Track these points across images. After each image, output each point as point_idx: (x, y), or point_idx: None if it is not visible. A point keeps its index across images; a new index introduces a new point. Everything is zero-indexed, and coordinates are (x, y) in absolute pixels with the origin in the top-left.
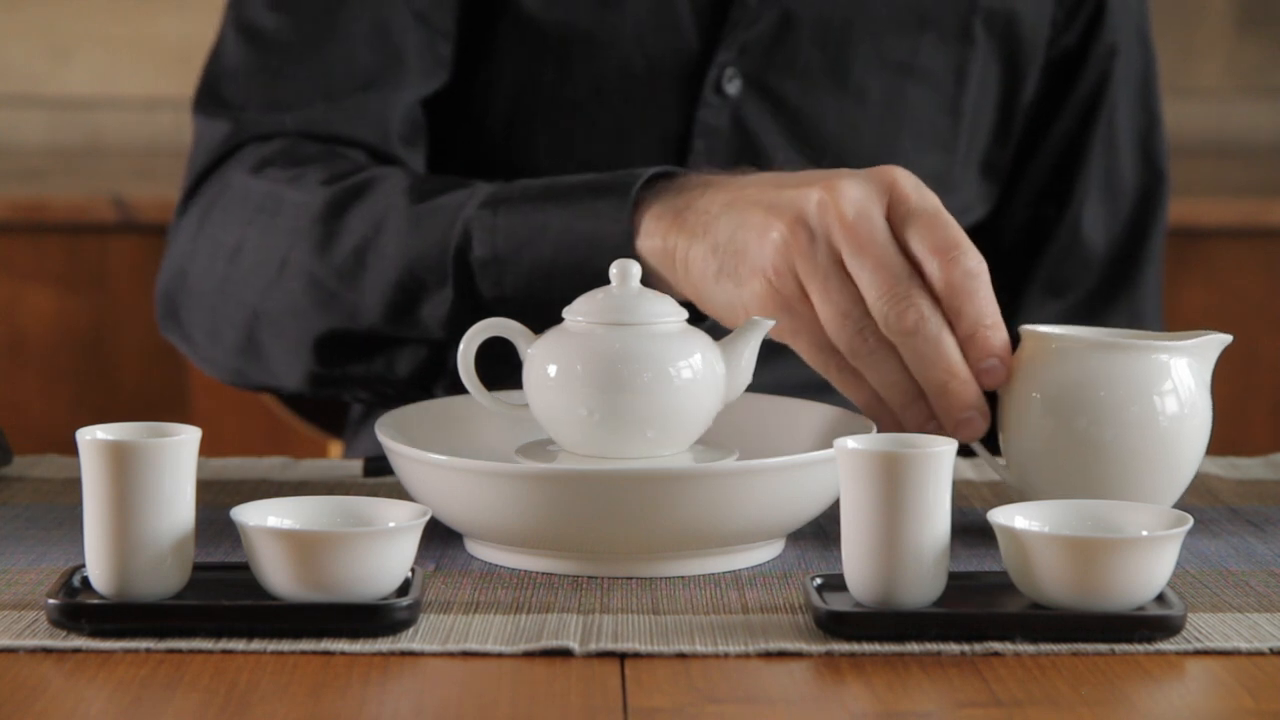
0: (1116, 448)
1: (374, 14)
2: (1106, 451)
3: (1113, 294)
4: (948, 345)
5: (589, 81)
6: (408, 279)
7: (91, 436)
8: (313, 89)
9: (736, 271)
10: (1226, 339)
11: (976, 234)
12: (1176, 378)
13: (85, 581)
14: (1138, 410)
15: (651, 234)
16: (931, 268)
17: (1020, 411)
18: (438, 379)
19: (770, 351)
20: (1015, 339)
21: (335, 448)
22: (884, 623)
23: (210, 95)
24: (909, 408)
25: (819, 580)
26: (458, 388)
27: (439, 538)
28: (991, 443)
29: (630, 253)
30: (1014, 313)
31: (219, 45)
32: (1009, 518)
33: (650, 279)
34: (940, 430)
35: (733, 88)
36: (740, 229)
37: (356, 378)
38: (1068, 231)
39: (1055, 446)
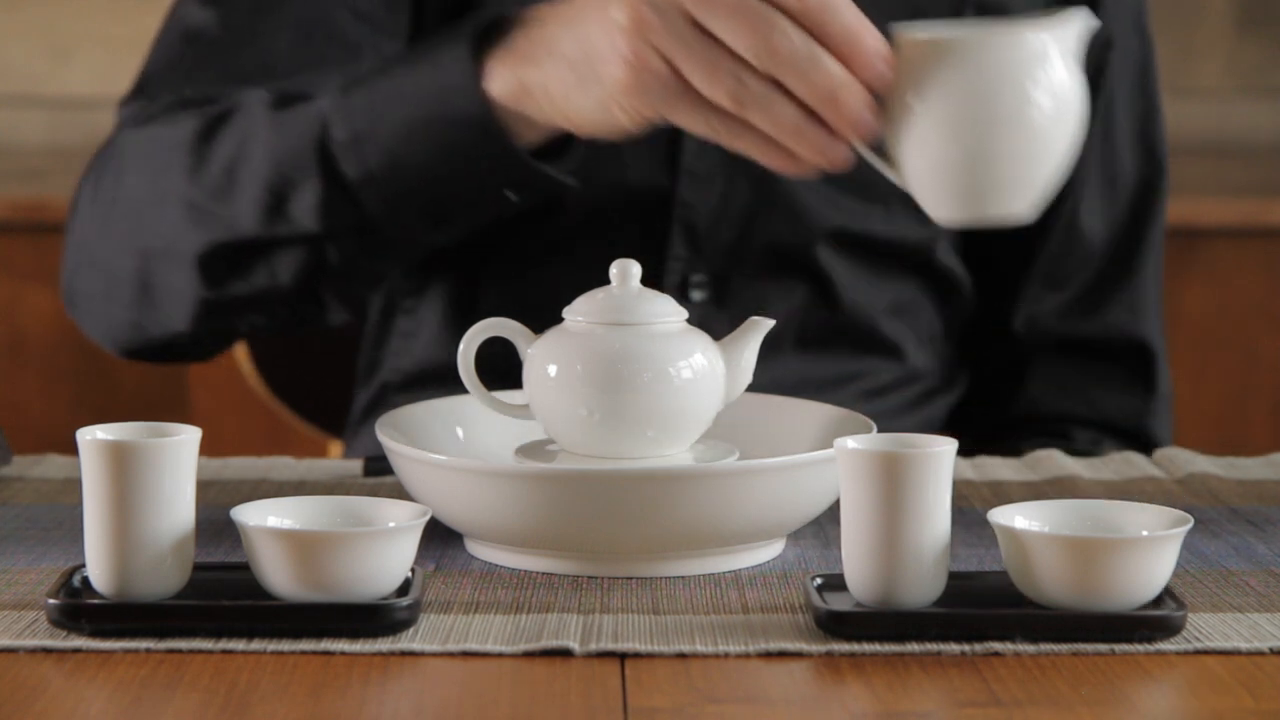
0: (992, 136)
1: (306, 12)
2: (983, 141)
3: (1112, 286)
4: (824, 57)
5: None
6: (276, 179)
7: (91, 436)
8: (224, 80)
9: (596, 73)
10: (1092, 19)
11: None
12: (1046, 61)
13: (85, 581)
14: (1010, 97)
15: (500, 76)
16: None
17: (899, 112)
18: (322, 282)
19: (770, 351)
20: (1010, 335)
21: (335, 448)
22: (884, 623)
23: (133, 92)
24: (803, 135)
25: (819, 580)
26: (346, 297)
27: (439, 538)
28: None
29: (480, 97)
30: (1012, 305)
31: (153, 45)
32: (1009, 518)
33: (514, 124)
34: (837, 149)
35: None
36: (583, 34)
37: (244, 298)
38: (1065, 224)
39: (934, 143)
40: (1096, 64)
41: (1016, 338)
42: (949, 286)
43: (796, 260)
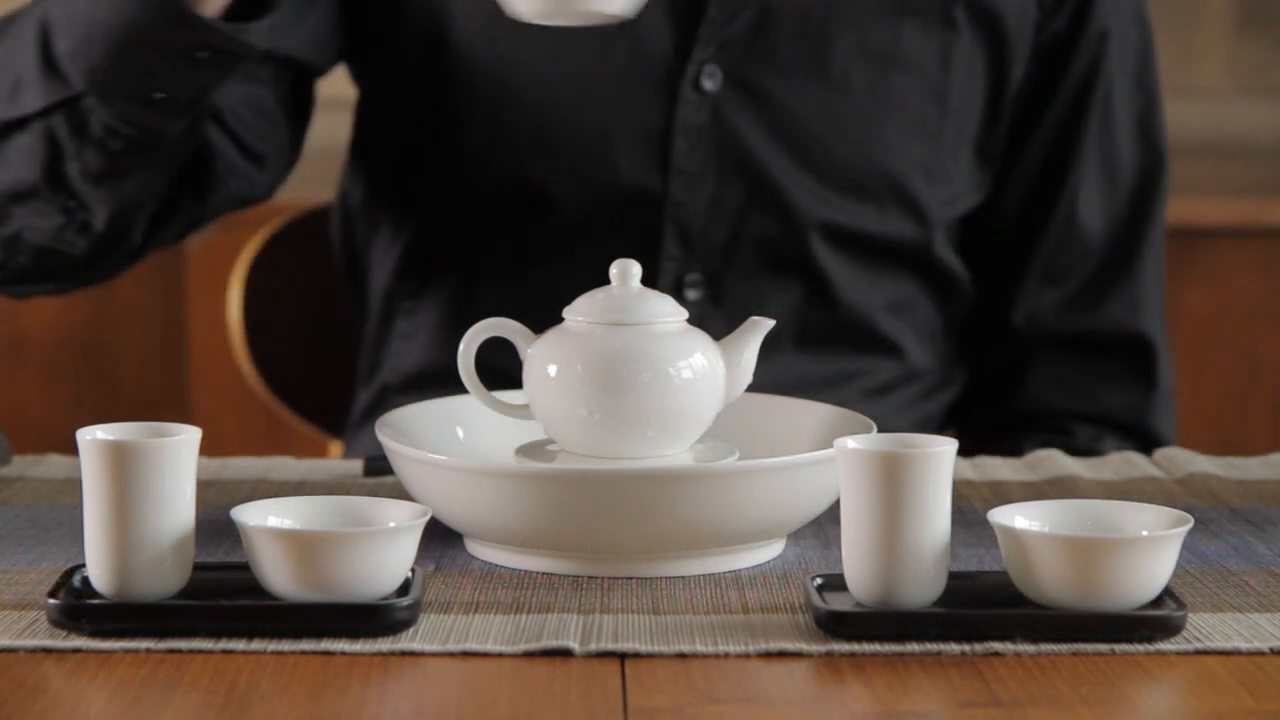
0: None
1: None
2: None
3: (1111, 280)
4: None
5: (567, 82)
6: (18, 64)
7: (91, 436)
8: None
9: None
10: None
11: (974, 222)
12: None
13: (85, 581)
14: None
15: None
16: None
17: None
18: (63, 166)
19: (769, 350)
20: (1010, 331)
21: (335, 448)
22: (884, 623)
23: None
24: None
25: (819, 580)
26: (102, 191)
27: (439, 538)
28: None
29: None
30: (1011, 301)
31: None
32: (1009, 518)
33: None
34: None
35: (712, 84)
36: None
37: (7, 193)
38: (1064, 218)
39: None
40: (1094, 56)
41: (1016, 333)
42: (948, 283)
43: (791, 258)
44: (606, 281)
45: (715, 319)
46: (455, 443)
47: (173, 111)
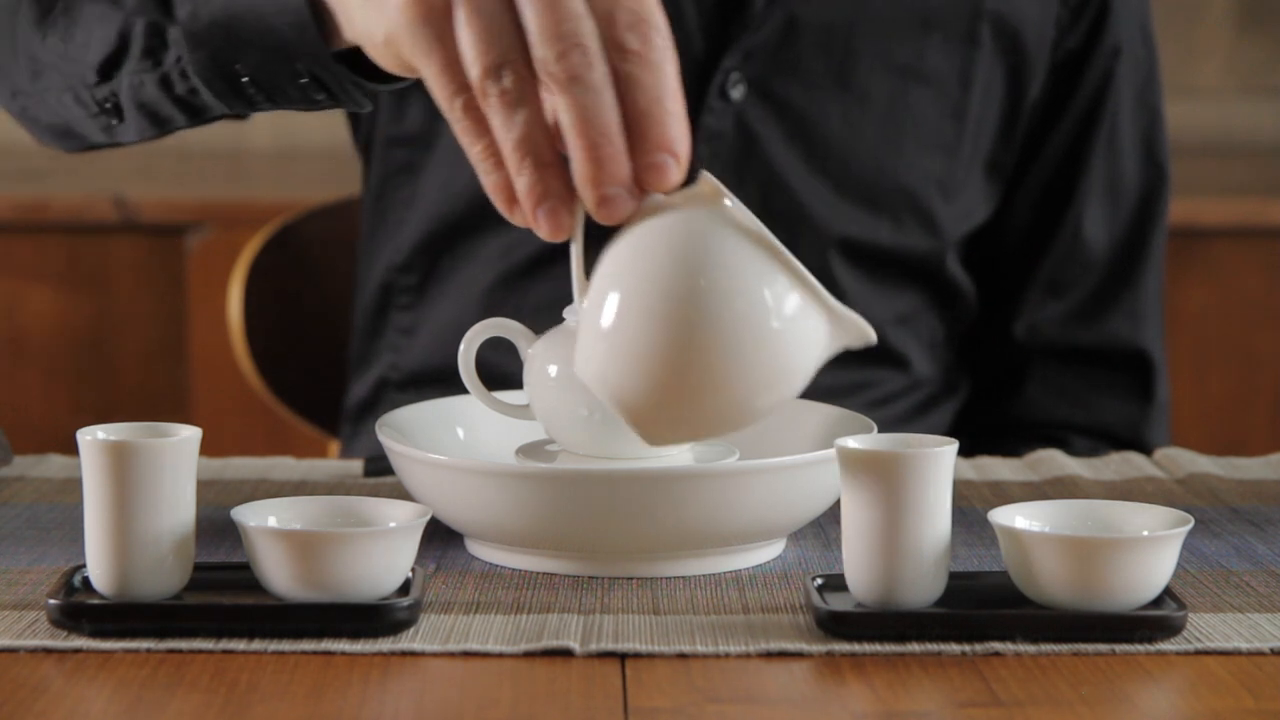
0: None
1: None
2: None
3: (1113, 294)
4: (609, 104)
5: None
6: (122, 35)
7: (92, 436)
8: None
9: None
10: None
11: (979, 235)
12: None
13: (85, 581)
14: None
15: None
16: (615, 31)
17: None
18: (119, 70)
19: None
20: (1011, 342)
21: (335, 448)
22: (884, 623)
23: None
24: (536, 172)
25: (819, 580)
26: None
27: (439, 538)
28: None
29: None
30: (1014, 312)
31: None
32: (1009, 518)
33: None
34: (563, 206)
35: (737, 92)
36: None
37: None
38: (1069, 232)
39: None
40: (1105, 72)
41: (1017, 344)
42: (954, 296)
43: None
44: None
45: None
46: (455, 443)
47: (239, 101)
